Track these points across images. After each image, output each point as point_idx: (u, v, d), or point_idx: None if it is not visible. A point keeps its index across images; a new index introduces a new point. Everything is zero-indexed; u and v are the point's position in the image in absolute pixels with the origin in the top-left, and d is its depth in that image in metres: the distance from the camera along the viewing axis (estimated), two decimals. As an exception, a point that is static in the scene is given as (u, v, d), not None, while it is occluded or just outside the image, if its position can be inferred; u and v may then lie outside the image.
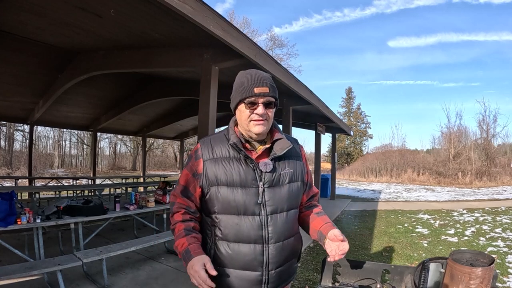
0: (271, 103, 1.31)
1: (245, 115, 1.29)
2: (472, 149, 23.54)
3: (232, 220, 1.27)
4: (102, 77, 6.87)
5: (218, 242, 1.30)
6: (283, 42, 31.01)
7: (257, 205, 1.28)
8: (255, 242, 1.27)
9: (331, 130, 12.46)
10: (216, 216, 1.30)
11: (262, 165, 1.30)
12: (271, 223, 1.29)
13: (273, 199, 1.30)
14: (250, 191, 1.28)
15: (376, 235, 6.53)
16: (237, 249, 1.27)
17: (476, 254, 1.34)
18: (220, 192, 1.28)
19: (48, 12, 3.90)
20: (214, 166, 1.30)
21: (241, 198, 1.27)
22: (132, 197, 5.20)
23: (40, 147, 26.00)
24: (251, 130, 1.30)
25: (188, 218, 1.34)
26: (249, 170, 1.29)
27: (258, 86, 1.28)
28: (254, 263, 1.27)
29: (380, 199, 13.13)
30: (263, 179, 1.29)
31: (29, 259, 3.76)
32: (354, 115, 36.12)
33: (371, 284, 1.56)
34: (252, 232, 1.27)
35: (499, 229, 6.98)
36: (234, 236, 1.27)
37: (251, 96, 1.27)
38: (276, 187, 1.32)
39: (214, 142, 1.35)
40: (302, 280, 3.99)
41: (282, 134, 1.39)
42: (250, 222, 1.27)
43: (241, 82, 1.32)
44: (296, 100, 6.50)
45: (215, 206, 1.29)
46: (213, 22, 3.05)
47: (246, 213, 1.27)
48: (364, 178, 25.38)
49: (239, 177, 1.28)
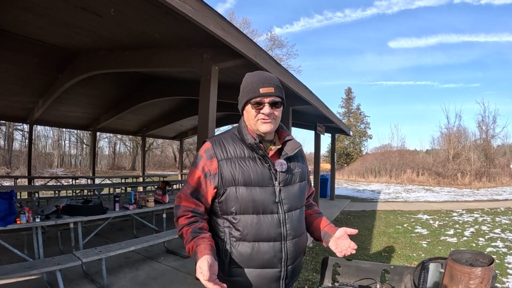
0: (277, 103, 1.33)
1: (252, 115, 1.32)
2: (471, 150, 23.56)
3: (252, 220, 1.28)
4: (102, 77, 6.87)
5: (236, 243, 1.28)
6: (283, 42, 31.06)
7: (275, 204, 1.30)
8: (275, 240, 1.29)
9: (331, 130, 12.47)
10: (234, 217, 1.29)
11: (278, 164, 1.33)
12: (288, 221, 1.32)
13: (288, 198, 1.33)
14: (267, 190, 1.30)
15: (375, 236, 6.54)
16: (257, 248, 1.28)
17: (475, 254, 1.34)
18: (239, 192, 1.28)
19: (49, 12, 3.90)
20: (230, 166, 1.29)
21: (260, 197, 1.28)
22: (131, 196, 5.20)
23: (39, 147, 25.97)
24: (258, 129, 1.32)
25: (194, 220, 1.29)
26: (265, 169, 1.31)
27: (263, 86, 1.30)
28: (274, 260, 1.29)
29: (379, 200, 13.14)
30: (278, 178, 1.32)
31: (28, 259, 3.75)
32: (353, 115, 36.14)
33: (371, 284, 1.56)
34: (271, 230, 1.29)
35: (498, 230, 6.99)
36: (254, 235, 1.28)
37: (256, 97, 1.29)
38: (289, 186, 1.36)
39: (226, 142, 1.35)
40: (301, 280, 3.99)
41: (290, 134, 1.44)
42: (269, 220, 1.29)
43: (247, 84, 1.34)
44: (296, 100, 6.50)
45: (233, 207, 1.28)
46: (213, 22, 3.05)
47: (265, 212, 1.29)
48: (363, 179, 25.39)
49: (257, 177, 1.29)
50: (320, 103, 7.26)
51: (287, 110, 6.75)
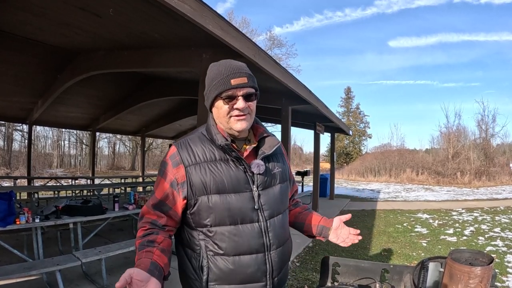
0: (251, 95, 1.16)
1: (224, 111, 1.14)
2: (471, 149, 23.57)
3: (230, 231, 1.13)
4: (101, 77, 6.86)
5: (213, 258, 1.15)
6: (282, 42, 30.95)
7: (254, 211, 1.16)
8: (257, 251, 1.16)
9: (330, 129, 12.47)
10: (210, 229, 1.14)
11: (254, 166, 1.17)
12: (270, 229, 1.19)
13: (268, 203, 1.19)
14: (244, 196, 1.15)
15: (375, 235, 6.54)
16: (238, 262, 1.14)
17: (475, 253, 1.34)
18: (212, 202, 1.12)
19: (48, 12, 3.89)
20: (199, 172, 1.14)
21: (236, 205, 1.14)
22: (131, 196, 5.20)
23: (39, 147, 25.93)
24: (232, 127, 1.16)
25: (148, 232, 1.13)
26: (240, 173, 1.16)
27: (235, 77, 1.12)
28: (258, 274, 1.16)
29: (379, 199, 13.15)
30: (256, 181, 1.17)
31: (28, 259, 3.76)
32: (353, 114, 36.17)
33: (370, 284, 1.56)
34: (252, 241, 1.15)
35: (498, 229, 7.00)
36: (233, 248, 1.14)
37: (228, 89, 1.11)
38: (269, 189, 1.21)
39: (194, 144, 1.19)
40: (301, 279, 3.99)
41: (266, 130, 1.28)
42: (249, 230, 1.15)
43: (214, 75, 1.15)
44: (295, 100, 6.50)
45: (207, 218, 1.13)
46: (212, 22, 3.05)
47: (243, 221, 1.15)
48: (363, 178, 25.39)
49: (231, 182, 1.14)
50: (320, 102, 7.26)
51: (287, 110, 6.76)
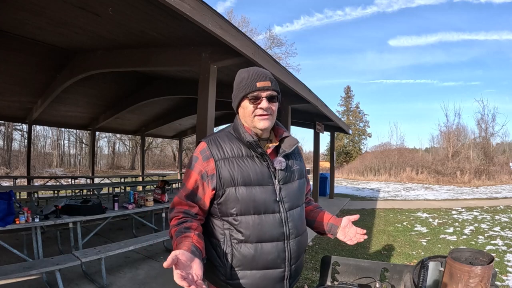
0: (274, 97, 1.32)
1: (249, 111, 1.29)
2: (470, 148, 23.60)
3: (254, 220, 1.25)
4: (100, 76, 6.86)
5: (238, 245, 1.25)
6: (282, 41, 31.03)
7: (276, 203, 1.28)
8: (278, 239, 1.27)
9: (330, 128, 12.47)
10: (235, 218, 1.25)
11: (277, 162, 1.31)
12: (290, 219, 1.30)
13: (288, 196, 1.32)
14: (268, 189, 1.28)
15: (375, 234, 6.54)
16: (260, 249, 1.25)
17: (475, 252, 1.34)
18: (239, 193, 1.24)
19: (47, 12, 3.89)
20: (228, 166, 1.26)
21: (261, 197, 1.26)
22: (130, 196, 5.20)
23: (38, 147, 25.92)
24: (256, 125, 1.30)
25: (183, 220, 1.24)
26: (264, 168, 1.29)
27: (260, 80, 1.28)
28: (278, 260, 1.28)
29: (378, 198, 13.15)
30: (277, 176, 1.30)
31: (27, 259, 3.75)
32: (353, 113, 36.16)
33: (370, 283, 1.56)
34: (274, 230, 1.27)
35: (498, 228, 7.01)
36: (256, 236, 1.25)
37: (254, 91, 1.27)
38: (289, 184, 1.34)
39: (223, 141, 1.31)
40: (301, 278, 3.99)
41: (287, 131, 1.41)
42: (271, 220, 1.27)
43: (242, 79, 1.32)
44: (295, 99, 6.50)
45: (233, 208, 1.25)
46: (211, 21, 3.04)
47: (266, 211, 1.26)
48: (362, 177, 25.41)
49: (256, 176, 1.26)
50: (319, 101, 7.26)
51: (286, 108, 6.75)
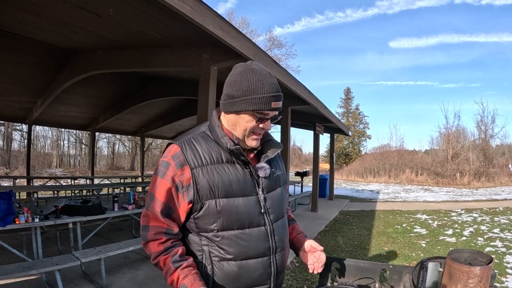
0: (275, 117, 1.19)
1: (249, 126, 1.12)
2: (470, 150, 23.62)
3: (237, 236, 1.11)
4: (100, 77, 6.86)
5: (219, 263, 1.11)
6: (282, 42, 31.04)
7: (260, 215, 1.15)
8: (263, 255, 1.15)
9: (330, 130, 12.47)
10: (216, 235, 1.10)
11: (261, 170, 1.16)
12: (276, 232, 1.18)
13: (273, 206, 1.19)
14: (251, 200, 1.14)
15: (374, 235, 6.54)
16: (244, 266, 1.12)
17: (474, 253, 1.34)
18: (220, 206, 1.09)
19: (47, 12, 3.89)
20: (207, 174, 1.09)
21: (244, 209, 1.11)
22: (130, 196, 5.20)
23: (38, 147, 25.88)
24: (248, 143, 1.15)
25: (170, 245, 1.08)
26: (247, 176, 1.14)
27: (276, 100, 1.10)
28: (264, 277, 1.16)
29: (378, 200, 13.15)
30: (261, 185, 1.16)
31: (27, 259, 3.75)
32: (352, 115, 36.18)
33: (370, 284, 1.56)
34: (259, 245, 1.14)
35: (497, 229, 7.01)
36: (241, 253, 1.11)
37: (265, 110, 1.10)
38: (272, 192, 1.21)
39: (199, 144, 1.13)
40: (300, 280, 3.99)
41: (269, 133, 1.28)
42: (257, 234, 1.14)
43: (255, 89, 1.08)
44: (295, 100, 6.50)
45: (214, 224, 1.10)
46: (212, 22, 3.05)
47: (251, 225, 1.13)
48: (362, 179, 25.40)
49: (239, 185, 1.11)
50: (319, 103, 7.27)
51: (286, 110, 6.76)
